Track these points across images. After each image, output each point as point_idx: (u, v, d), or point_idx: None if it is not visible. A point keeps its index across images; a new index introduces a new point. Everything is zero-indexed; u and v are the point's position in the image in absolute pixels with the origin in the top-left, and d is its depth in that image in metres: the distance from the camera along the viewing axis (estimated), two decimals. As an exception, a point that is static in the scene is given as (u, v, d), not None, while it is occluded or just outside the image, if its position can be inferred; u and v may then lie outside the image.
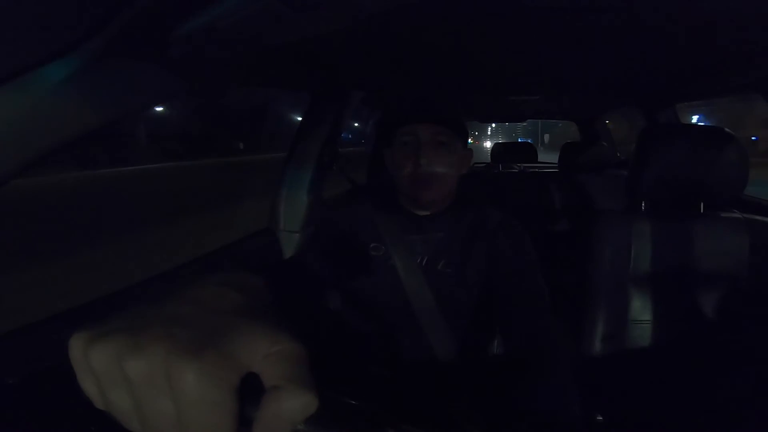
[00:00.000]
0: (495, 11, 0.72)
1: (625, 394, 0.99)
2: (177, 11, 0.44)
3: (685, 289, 0.97)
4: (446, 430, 0.77)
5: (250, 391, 0.20)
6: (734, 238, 0.95)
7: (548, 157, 3.24)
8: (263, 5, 0.44)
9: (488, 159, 2.78)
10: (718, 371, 0.96)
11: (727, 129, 0.95)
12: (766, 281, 0.93)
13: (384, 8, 0.50)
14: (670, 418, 0.97)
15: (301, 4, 0.45)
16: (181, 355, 0.19)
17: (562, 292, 0.95)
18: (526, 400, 0.67)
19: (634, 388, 0.98)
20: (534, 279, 0.79)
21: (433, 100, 0.82)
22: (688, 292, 0.97)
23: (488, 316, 0.84)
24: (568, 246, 1.34)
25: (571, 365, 0.69)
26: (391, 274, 0.81)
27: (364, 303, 0.84)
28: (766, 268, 0.94)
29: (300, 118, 1.40)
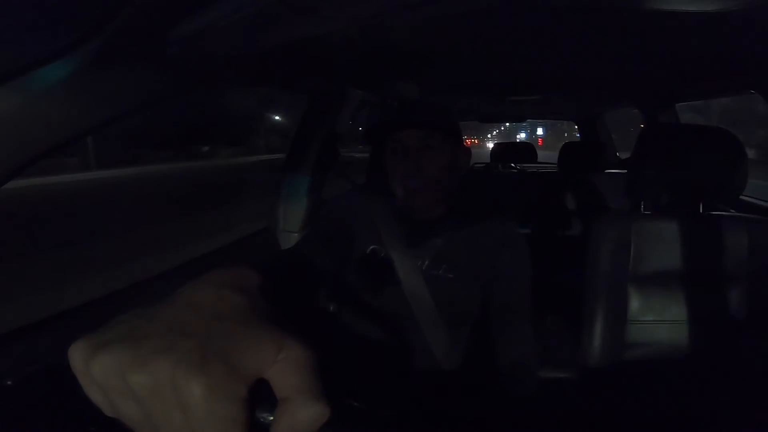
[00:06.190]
0: (495, 12, 0.72)
1: (625, 394, 0.99)
2: (176, 11, 0.44)
3: (685, 289, 0.97)
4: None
5: (260, 396, 0.20)
6: (733, 238, 0.95)
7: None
8: (263, 5, 0.44)
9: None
10: (717, 371, 0.96)
11: (727, 129, 0.95)
12: (766, 281, 0.93)
13: (383, 9, 0.50)
14: (669, 418, 0.97)
15: (301, 5, 0.45)
16: (186, 370, 0.19)
17: (563, 292, 0.95)
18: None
19: (633, 388, 0.98)
20: (526, 292, 0.84)
21: (418, 103, 0.81)
22: (687, 293, 0.97)
23: (487, 321, 0.84)
24: (567, 246, 1.34)
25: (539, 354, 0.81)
26: (391, 276, 0.81)
27: (363, 305, 0.83)
28: (765, 267, 0.94)
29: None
